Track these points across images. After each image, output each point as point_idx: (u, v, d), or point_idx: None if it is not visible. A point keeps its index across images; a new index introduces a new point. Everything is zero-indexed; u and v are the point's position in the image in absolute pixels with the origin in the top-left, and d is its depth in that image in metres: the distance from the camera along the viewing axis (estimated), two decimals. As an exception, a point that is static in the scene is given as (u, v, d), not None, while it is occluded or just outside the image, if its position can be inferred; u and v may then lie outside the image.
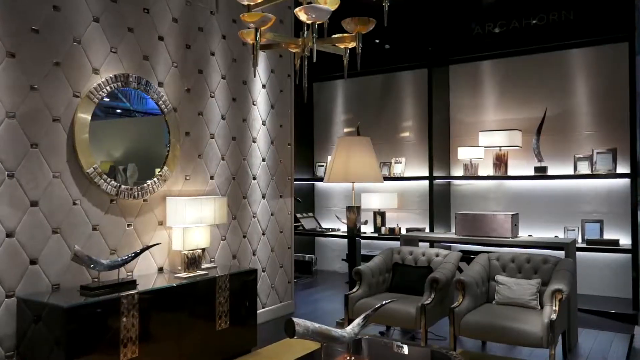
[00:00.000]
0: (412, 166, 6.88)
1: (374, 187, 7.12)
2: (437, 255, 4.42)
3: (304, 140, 7.67)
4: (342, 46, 2.97)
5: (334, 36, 2.83)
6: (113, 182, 3.51)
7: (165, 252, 3.88)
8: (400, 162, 6.89)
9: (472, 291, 3.81)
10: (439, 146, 6.48)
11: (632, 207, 5.16)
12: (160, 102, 3.86)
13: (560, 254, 4.22)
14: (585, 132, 5.84)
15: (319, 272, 7.37)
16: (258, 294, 4.79)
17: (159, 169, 3.86)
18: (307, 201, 7.70)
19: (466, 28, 6.22)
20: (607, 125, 5.73)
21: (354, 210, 4.82)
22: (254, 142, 4.80)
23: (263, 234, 4.89)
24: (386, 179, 6.91)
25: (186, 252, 3.66)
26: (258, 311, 4.69)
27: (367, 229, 7.06)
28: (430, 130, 6.36)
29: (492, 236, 4.39)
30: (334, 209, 7.56)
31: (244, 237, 4.66)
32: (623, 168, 5.50)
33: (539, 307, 3.74)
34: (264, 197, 4.90)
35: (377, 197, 6.81)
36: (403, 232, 6.71)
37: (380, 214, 6.94)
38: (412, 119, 7.00)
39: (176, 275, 3.66)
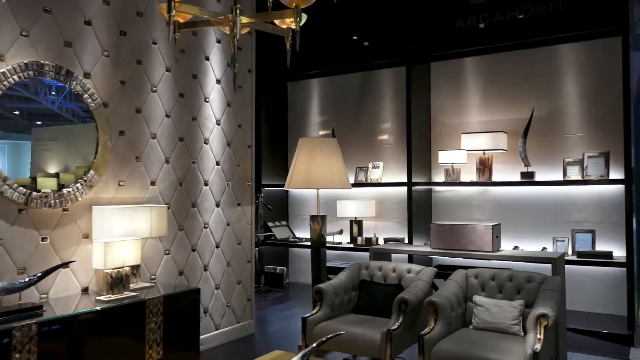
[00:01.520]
0: (391, 171, 6.38)
1: (349, 194, 6.61)
2: (409, 272, 3.91)
3: (277, 144, 7.17)
4: (283, 26, 2.47)
5: (271, 12, 2.34)
6: (22, 188, 2.98)
7: (92, 271, 3.34)
8: (378, 167, 6.39)
9: (445, 315, 3.30)
10: (419, 150, 5.99)
11: (627, 216, 4.68)
12: (86, 95, 3.34)
13: (548, 268, 3.74)
14: (576, 135, 5.38)
15: (291, 285, 6.83)
16: (210, 314, 4.26)
17: (84, 174, 3.34)
18: (280, 209, 7.18)
19: (448, 21, 5.75)
20: (599, 126, 5.26)
21: (318, 220, 4.30)
22: (206, 143, 4.29)
23: (217, 246, 4.36)
24: (363, 185, 6.43)
25: (110, 271, 3.12)
26: (210, 334, 4.19)
27: (343, 239, 6.55)
28: (409, 133, 5.87)
29: (471, 250, 3.89)
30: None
31: (193, 250, 4.14)
32: (616, 173, 5.03)
33: (522, 334, 3.24)
34: (217, 206, 4.38)
35: (354, 205, 6.30)
36: (381, 242, 6.21)
37: (357, 223, 6.43)
38: (391, 120, 6.51)
39: (97, 298, 3.12)
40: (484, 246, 3.84)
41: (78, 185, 3.28)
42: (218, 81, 4.41)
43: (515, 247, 5.33)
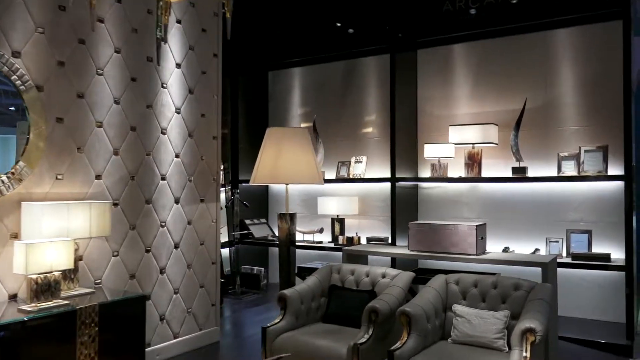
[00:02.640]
0: (375, 166, 5.99)
1: (331, 191, 6.23)
2: (383, 277, 3.52)
3: (256, 137, 6.72)
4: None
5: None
6: None
7: (21, 276, 2.95)
8: (361, 162, 5.99)
9: (420, 326, 2.92)
10: (403, 143, 5.60)
11: (626, 215, 4.29)
12: (14, 77, 2.94)
13: (539, 271, 3.36)
14: (572, 127, 4.98)
15: (270, 286, 6.45)
16: (168, 321, 3.88)
17: (11, 166, 2.94)
18: (259, 205, 6.79)
19: (435, 4, 5.34)
20: (597, 118, 4.87)
21: (286, 219, 3.91)
22: (163, 133, 3.89)
23: (176, 247, 3.97)
24: (345, 180, 6.03)
25: (35, 277, 2.73)
26: (168, 343, 3.81)
27: (324, 238, 6.17)
28: (393, 125, 5.46)
29: (453, 252, 3.50)
30: (290, 215, 6.64)
31: (148, 251, 3.75)
32: (615, 169, 4.64)
33: (506, 349, 2.86)
34: (177, 202, 3.99)
35: (335, 202, 5.92)
36: (363, 241, 5.82)
37: (338, 221, 6.04)
38: (376, 112, 6.11)
39: (20, 307, 2.73)
40: (467, 248, 3.46)
41: (4, 178, 2.89)
42: (178, 65, 4.01)
43: (506, 249, 4.94)
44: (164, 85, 3.89)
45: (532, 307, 2.82)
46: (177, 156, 3.99)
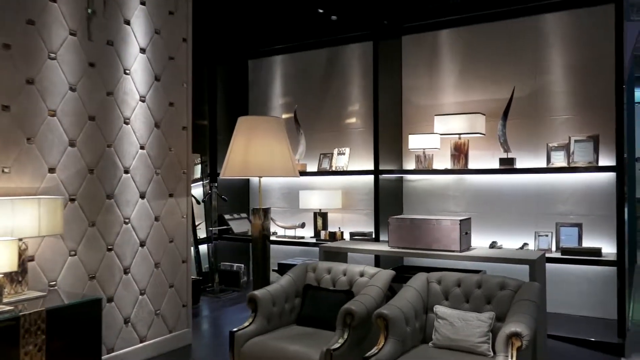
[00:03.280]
0: (359, 158, 5.75)
1: (313, 184, 6.00)
2: (361, 275, 3.30)
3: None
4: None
5: None
6: None
7: (-38, 277, 2.69)
8: (344, 154, 5.75)
9: (398, 330, 2.70)
10: (387, 134, 5.36)
11: (618, 208, 4.10)
12: (-50, 60, 2.66)
13: (526, 268, 3.15)
14: (561, 116, 4.78)
15: (251, 283, 6.19)
16: (133, 324, 3.63)
17: (-51, 158, 2.67)
18: (240, 200, 6.54)
19: (419, -11, 5.10)
20: (587, 107, 4.66)
21: (260, 214, 3.67)
22: (126, 123, 3.62)
23: (142, 245, 3.71)
24: (327, 173, 5.80)
25: (-29, 281, 2.47)
26: (133, 347, 3.59)
27: (306, 233, 5.93)
28: (376, 115, 5.23)
29: (435, 249, 3.28)
30: (272, 209, 6.40)
31: (110, 249, 3.49)
32: (606, 160, 4.44)
33: (491, 354, 2.65)
34: (142, 197, 3.72)
35: (318, 195, 5.68)
36: (346, 236, 5.60)
37: (321, 216, 5.81)
38: (360, 102, 5.86)
39: (-45, 314, 2.47)
40: (450, 245, 3.24)
41: (-61, 172, 2.62)
42: (142, 50, 3.73)
43: (493, 243, 4.74)
44: (127, 71, 3.62)
45: (519, 309, 2.61)
46: (142, 148, 3.72)
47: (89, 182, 3.35)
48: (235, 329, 3.05)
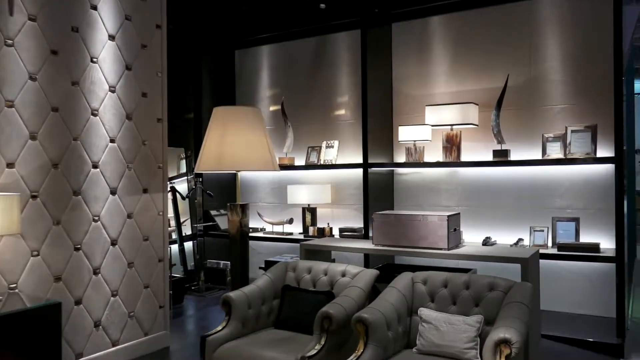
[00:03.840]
0: (348, 151, 5.54)
1: (302, 178, 5.79)
2: (343, 275, 3.10)
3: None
4: None
5: None
6: None
7: None
8: (333, 147, 5.54)
9: (378, 335, 2.50)
10: (377, 126, 5.15)
11: (617, 201, 3.90)
12: None
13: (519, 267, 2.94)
14: (558, 106, 4.56)
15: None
16: (105, 328, 3.44)
17: None
18: (227, 195, 6.33)
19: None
20: (584, 96, 4.44)
21: (237, 210, 3.47)
22: (94, 115, 3.40)
23: (113, 243, 3.51)
24: (315, 167, 5.59)
25: None
26: (105, 351, 3.40)
27: (295, 229, 5.73)
28: (365, 106, 5.01)
29: (421, 247, 3.08)
30: (260, 204, 6.21)
31: (77, 249, 3.28)
32: (605, 151, 4.23)
33: (479, 360, 2.45)
34: (113, 193, 3.52)
35: (306, 190, 5.48)
36: (335, 232, 5.41)
37: (310, 211, 5.60)
38: (349, 93, 5.64)
39: None
40: (438, 242, 3.03)
41: None
42: (111, 37, 3.51)
43: (487, 239, 4.54)
44: (94, 59, 3.40)
45: (509, 313, 2.41)
46: (112, 141, 3.51)
47: (52, 177, 3.15)
48: (207, 334, 2.85)
